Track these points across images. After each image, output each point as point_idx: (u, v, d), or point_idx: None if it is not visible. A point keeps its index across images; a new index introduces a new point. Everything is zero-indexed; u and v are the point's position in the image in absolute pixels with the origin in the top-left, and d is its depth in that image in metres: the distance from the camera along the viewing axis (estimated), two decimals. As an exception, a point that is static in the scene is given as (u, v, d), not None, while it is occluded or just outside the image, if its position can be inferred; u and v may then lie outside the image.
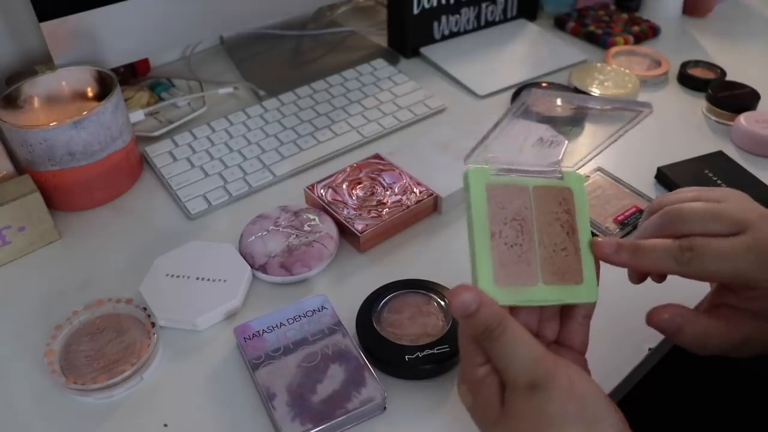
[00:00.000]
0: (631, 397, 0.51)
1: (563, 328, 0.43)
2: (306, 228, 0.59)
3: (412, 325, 0.50)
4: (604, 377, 0.48)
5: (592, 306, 0.42)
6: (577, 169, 0.45)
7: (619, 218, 0.61)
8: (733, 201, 0.41)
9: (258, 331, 0.50)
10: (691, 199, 0.42)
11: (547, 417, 0.34)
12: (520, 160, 0.44)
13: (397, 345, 0.48)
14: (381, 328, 0.50)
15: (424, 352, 0.47)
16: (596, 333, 0.51)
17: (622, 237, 0.60)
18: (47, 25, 0.64)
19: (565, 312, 0.43)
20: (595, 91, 0.78)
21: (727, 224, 0.39)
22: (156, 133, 0.73)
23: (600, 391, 0.36)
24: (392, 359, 0.48)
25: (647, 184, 0.66)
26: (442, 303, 0.51)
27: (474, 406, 0.38)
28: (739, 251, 0.38)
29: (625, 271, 0.57)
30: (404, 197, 0.61)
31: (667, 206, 0.42)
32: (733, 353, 0.42)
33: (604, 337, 0.51)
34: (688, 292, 0.54)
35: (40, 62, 0.75)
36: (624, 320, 0.52)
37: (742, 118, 0.71)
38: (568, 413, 0.34)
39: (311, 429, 0.43)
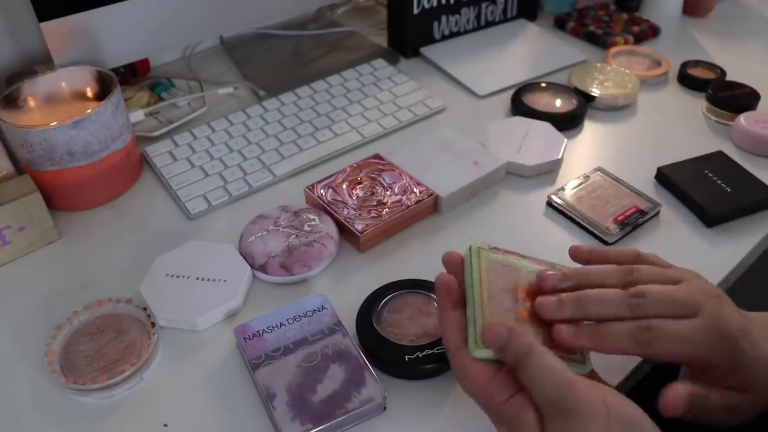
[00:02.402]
0: (632, 396, 0.51)
1: None
2: (306, 228, 0.59)
3: (412, 325, 0.50)
4: (605, 377, 0.48)
5: None
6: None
7: (619, 218, 0.60)
8: (684, 282, 0.42)
9: (258, 331, 0.50)
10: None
11: None
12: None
13: (397, 345, 0.48)
14: (381, 328, 0.50)
15: (424, 352, 0.47)
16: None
17: (622, 237, 0.60)
18: (47, 25, 0.65)
19: None
20: (595, 91, 0.78)
21: (680, 307, 0.40)
22: (156, 133, 0.73)
23: (643, 416, 0.36)
24: (392, 359, 0.48)
25: (647, 184, 0.66)
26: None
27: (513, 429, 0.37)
28: (697, 332, 0.39)
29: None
30: (404, 197, 0.61)
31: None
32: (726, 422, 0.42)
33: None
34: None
35: (40, 62, 0.75)
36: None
37: (742, 118, 0.71)
38: None
39: (311, 429, 0.43)
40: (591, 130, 0.75)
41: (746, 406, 0.41)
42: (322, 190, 0.62)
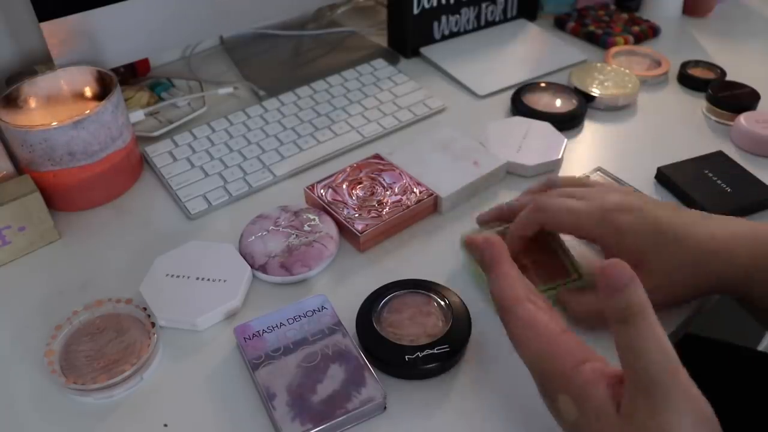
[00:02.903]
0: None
1: None
2: (306, 228, 0.59)
3: (412, 325, 0.50)
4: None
5: None
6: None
7: (619, 218, 0.60)
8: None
9: (258, 331, 0.50)
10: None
11: None
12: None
13: (397, 345, 0.48)
14: (381, 328, 0.50)
15: (424, 352, 0.47)
16: (597, 333, 0.51)
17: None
18: (47, 25, 0.65)
19: None
20: (595, 91, 0.78)
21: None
22: (156, 133, 0.73)
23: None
24: (392, 359, 0.48)
25: (647, 184, 0.66)
26: (442, 303, 0.51)
27: (581, 419, 0.33)
28: (581, 207, 0.49)
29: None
30: (404, 197, 0.61)
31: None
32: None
33: (604, 337, 0.51)
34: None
35: (40, 62, 0.75)
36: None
37: (742, 118, 0.71)
38: None
39: (311, 429, 0.43)
40: (591, 130, 0.75)
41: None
42: (322, 190, 0.62)
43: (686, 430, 0.30)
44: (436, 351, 0.47)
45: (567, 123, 0.74)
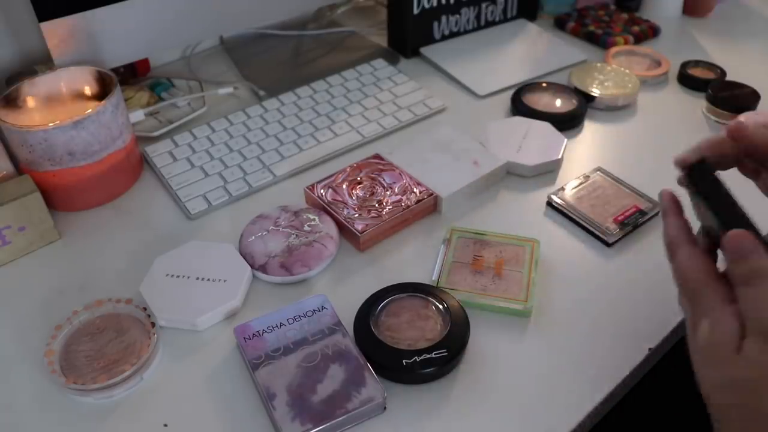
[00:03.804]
0: (631, 397, 0.52)
1: None
2: (306, 228, 0.59)
3: (410, 329, 0.50)
4: (605, 377, 0.48)
5: None
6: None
7: (619, 218, 0.60)
8: None
9: (258, 331, 0.50)
10: None
11: None
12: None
13: (395, 349, 0.48)
14: (379, 332, 0.49)
15: (422, 357, 0.47)
16: (596, 333, 0.51)
17: (622, 237, 0.60)
18: (47, 25, 0.65)
19: None
20: (595, 91, 0.78)
21: None
22: (156, 133, 0.73)
23: None
24: (389, 363, 0.47)
25: (647, 184, 0.66)
26: (441, 307, 0.51)
27: (708, 345, 0.36)
28: None
29: (620, 270, 0.57)
30: (404, 197, 0.61)
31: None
32: None
33: (604, 337, 0.51)
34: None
35: (40, 62, 0.75)
36: (624, 320, 0.52)
37: (742, 119, 0.71)
38: None
39: (311, 429, 0.43)
40: (591, 130, 0.75)
41: None
42: (322, 190, 0.62)
43: None
44: (434, 355, 0.47)
45: (567, 123, 0.74)
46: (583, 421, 0.46)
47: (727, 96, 0.75)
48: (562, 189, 0.64)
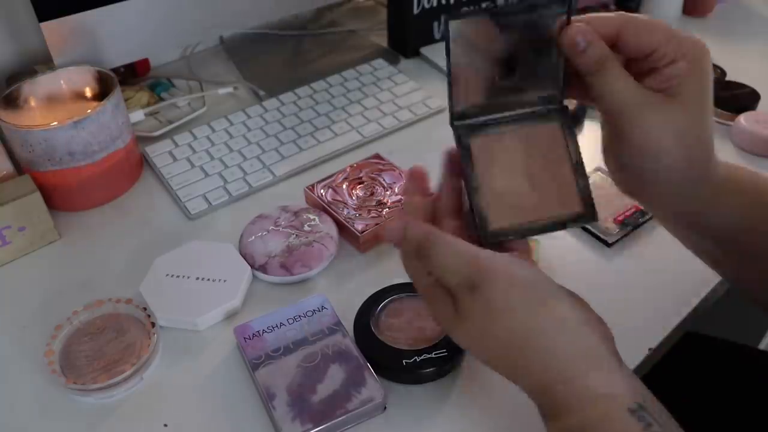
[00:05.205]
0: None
1: None
2: (306, 228, 0.59)
3: (410, 329, 0.50)
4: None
5: None
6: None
7: (619, 218, 0.60)
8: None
9: (258, 331, 0.50)
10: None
11: (493, 311, 0.35)
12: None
13: (395, 349, 0.48)
14: (379, 332, 0.49)
15: (422, 357, 0.47)
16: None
17: (622, 237, 0.60)
18: (47, 25, 0.64)
19: None
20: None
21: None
22: (156, 133, 0.73)
23: (546, 276, 0.37)
24: (389, 363, 0.47)
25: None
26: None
27: (435, 314, 0.39)
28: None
29: (620, 270, 0.57)
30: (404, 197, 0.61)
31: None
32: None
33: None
34: (689, 293, 0.54)
35: (40, 62, 0.75)
36: (624, 320, 0.52)
37: (742, 118, 0.71)
38: (512, 300, 0.35)
39: (311, 429, 0.43)
40: (591, 130, 0.75)
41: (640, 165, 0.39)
42: (322, 190, 0.62)
43: (499, 298, 0.35)
44: (434, 355, 0.47)
45: (567, 123, 0.74)
46: (583, 421, 0.46)
47: (727, 96, 0.75)
48: (562, 189, 0.64)
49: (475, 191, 0.39)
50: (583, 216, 0.40)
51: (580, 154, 0.40)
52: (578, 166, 0.40)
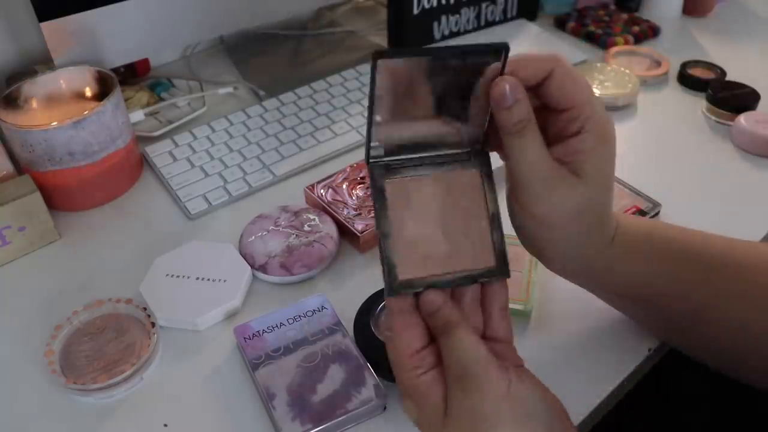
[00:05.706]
0: (631, 397, 0.51)
1: (486, 324, 0.41)
2: (306, 228, 0.59)
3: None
4: (604, 377, 0.48)
5: (506, 297, 0.40)
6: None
7: (619, 218, 0.60)
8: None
9: (258, 331, 0.50)
10: None
11: (480, 416, 0.35)
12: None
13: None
14: (379, 332, 0.49)
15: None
16: (596, 333, 0.51)
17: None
18: (47, 25, 0.64)
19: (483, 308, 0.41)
20: (595, 91, 0.78)
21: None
22: (156, 133, 0.73)
23: (539, 391, 0.37)
24: (389, 364, 0.47)
25: (647, 184, 0.66)
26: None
27: (421, 418, 0.38)
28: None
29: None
30: (404, 197, 0.61)
31: None
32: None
33: (604, 337, 0.51)
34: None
35: (40, 62, 0.75)
36: (624, 320, 0.52)
37: (742, 118, 0.71)
38: (501, 413, 0.35)
39: (311, 429, 0.43)
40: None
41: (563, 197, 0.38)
42: (322, 190, 0.62)
43: (490, 407, 0.35)
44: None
45: (567, 123, 0.74)
46: (584, 421, 0.46)
47: (727, 96, 0.75)
48: (562, 189, 0.64)
49: (385, 238, 0.37)
50: (494, 271, 0.38)
51: (497, 204, 0.39)
52: (494, 217, 0.39)
